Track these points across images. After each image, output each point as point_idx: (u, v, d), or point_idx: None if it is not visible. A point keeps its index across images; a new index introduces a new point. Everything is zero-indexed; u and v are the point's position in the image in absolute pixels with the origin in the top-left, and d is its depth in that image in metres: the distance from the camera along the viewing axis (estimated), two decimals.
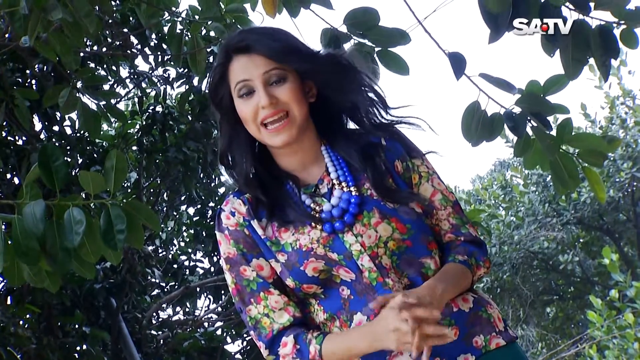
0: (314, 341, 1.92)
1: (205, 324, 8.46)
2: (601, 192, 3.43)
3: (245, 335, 8.22)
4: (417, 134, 2.09)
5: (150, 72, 7.21)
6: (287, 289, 2.01)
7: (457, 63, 3.15)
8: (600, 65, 3.10)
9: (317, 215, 1.96)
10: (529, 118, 3.21)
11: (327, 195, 1.99)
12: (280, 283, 2.00)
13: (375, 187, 1.98)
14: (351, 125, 2.13)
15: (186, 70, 6.81)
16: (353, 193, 1.98)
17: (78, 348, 6.40)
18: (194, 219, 8.70)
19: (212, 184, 8.16)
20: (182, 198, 8.36)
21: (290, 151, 2.02)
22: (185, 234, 9.01)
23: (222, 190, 8.23)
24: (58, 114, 6.04)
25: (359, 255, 1.92)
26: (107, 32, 5.89)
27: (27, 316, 6.12)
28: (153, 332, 7.96)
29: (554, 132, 3.28)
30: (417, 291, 1.78)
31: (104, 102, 4.67)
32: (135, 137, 7.25)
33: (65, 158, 5.30)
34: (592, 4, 3.03)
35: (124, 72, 7.05)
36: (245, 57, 1.98)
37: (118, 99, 6.94)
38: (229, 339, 8.43)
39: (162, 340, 7.87)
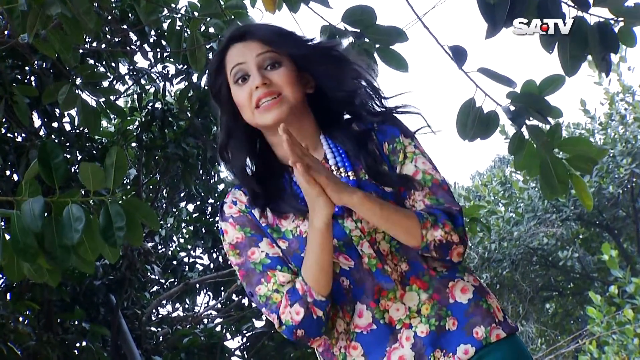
0: (297, 279, 1.95)
1: (205, 321, 8.46)
2: (588, 200, 3.42)
3: (245, 332, 8.23)
4: (415, 128, 2.10)
5: (150, 68, 7.21)
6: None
7: (459, 55, 3.15)
8: (600, 61, 3.10)
9: None
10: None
11: None
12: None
13: (369, 172, 1.99)
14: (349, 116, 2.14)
15: (185, 66, 6.81)
16: (351, 178, 1.99)
17: (78, 344, 6.41)
18: (194, 215, 8.71)
19: (212, 181, 8.17)
20: (182, 194, 8.38)
21: None
22: (184, 230, 9.02)
23: (221, 186, 8.24)
24: (57, 110, 6.04)
25: (359, 240, 1.94)
26: (107, 28, 5.89)
27: (27, 312, 6.13)
28: (153, 328, 7.98)
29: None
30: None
31: (103, 99, 4.67)
32: (135, 133, 7.26)
33: (65, 155, 5.30)
34: (591, 1, 3.03)
35: (123, 69, 7.06)
36: (240, 44, 2.02)
37: (117, 96, 6.94)
38: (228, 336, 8.44)
39: (161, 337, 7.88)
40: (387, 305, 1.93)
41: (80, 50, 4.70)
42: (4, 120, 5.54)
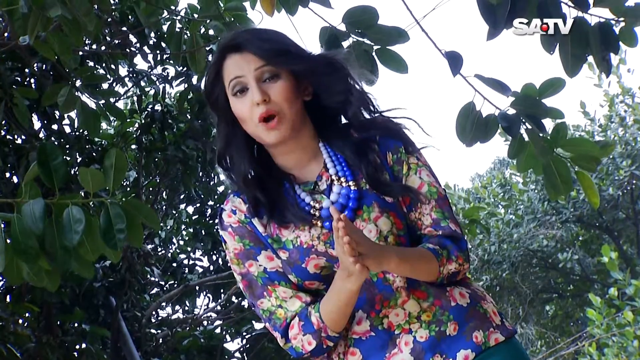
0: (313, 311, 1.93)
1: (205, 323, 8.47)
2: (594, 197, 3.42)
3: (244, 334, 8.23)
4: (416, 134, 2.09)
5: (149, 70, 7.22)
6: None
7: (454, 61, 3.15)
8: (600, 61, 3.10)
9: (316, 213, 1.96)
10: (523, 120, 3.21)
11: (327, 192, 1.99)
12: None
13: (370, 181, 1.98)
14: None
15: (185, 68, 6.81)
16: (352, 188, 1.97)
17: (77, 346, 6.40)
18: (193, 217, 8.71)
19: (211, 183, 8.17)
20: (181, 196, 8.38)
21: (287, 149, 2.02)
22: (184, 232, 9.02)
23: (221, 188, 8.25)
24: (57, 112, 6.04)
25: None
26: (106, 30, 5.90)
27: (27, 314, 6.13)
28: (152, 330, 7.98)
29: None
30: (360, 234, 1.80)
31: (103, 101, 4.67)
32: (134, 135, 7.26)
33: (64, 157, 5.31)
34: (591, 1, 3.03)
35: (123, 71, 7.07)
36: (237, 55, 1.99)
37: (117, 98, 6.93)
38: (228, 337, 8.45)
39: (161, 339, 7.88)
40: (387, 312, 1.93)
41: (80, 53, 4.70)
42: (3, 122, 5.54)
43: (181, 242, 9.05)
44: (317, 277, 1.95)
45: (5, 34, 4.14)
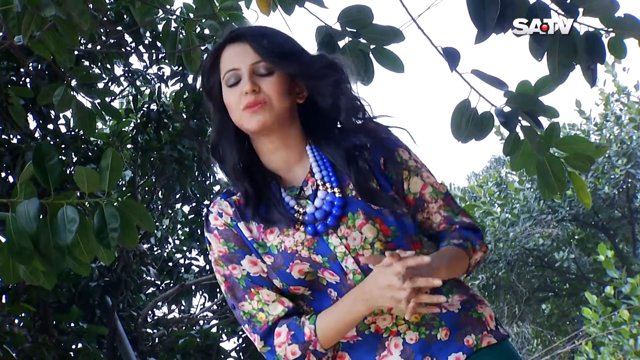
0: (307, 322, 1.93)
1: (201, 322, 8.47)
2: (586, 198, 3.42)
3: (240, 333, 8.23)
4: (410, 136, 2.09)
5: (145, 70, 7.22)
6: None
7: (451, 57, 3.14)
8: (586, 70, 3.10)
9: (299, 217, 1.96)
10: (519, 117, 3.21)
11: (312, 197, 1.99)
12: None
13: (359, 190, 1.97)
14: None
15: (181, 68, 6.82)
16: (337, 195, 1.97)
17: (74, 346, 6.40)
18: (189, 217, 8.71)
19: (207, 182, 8.17)
20: (177, 196, 8.37)
21: (271, 146, 2.02)
22: (180, 232, 9.02)
23: (217, 188, 8.25)
24: (53, 112, 6.04)
25: (343, 257, 1.92)
26: (101, 30, 5.89)
27: (23, 314, 6.12)
28: (149, 330, 7.97)
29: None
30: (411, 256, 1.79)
31: (98, 101, 4.67)
32: (130, 135, 7.26)
33: (60, 156, 5.30)
34: (581, 10, 3.03)
35: (118, 70, 7.07)
36: (236, 47, 2.00)
37: (113, 97, 6.95)
38: (224, 337, 8.45)
39: (157, 338, 7.87)
40: (373, 319, 1.94)
41: (75, 52, 4.69)
42: None
43: (177, 242, 9.05)
44: (301, 283, 1.95)
45: (0, 34, 4.13)
